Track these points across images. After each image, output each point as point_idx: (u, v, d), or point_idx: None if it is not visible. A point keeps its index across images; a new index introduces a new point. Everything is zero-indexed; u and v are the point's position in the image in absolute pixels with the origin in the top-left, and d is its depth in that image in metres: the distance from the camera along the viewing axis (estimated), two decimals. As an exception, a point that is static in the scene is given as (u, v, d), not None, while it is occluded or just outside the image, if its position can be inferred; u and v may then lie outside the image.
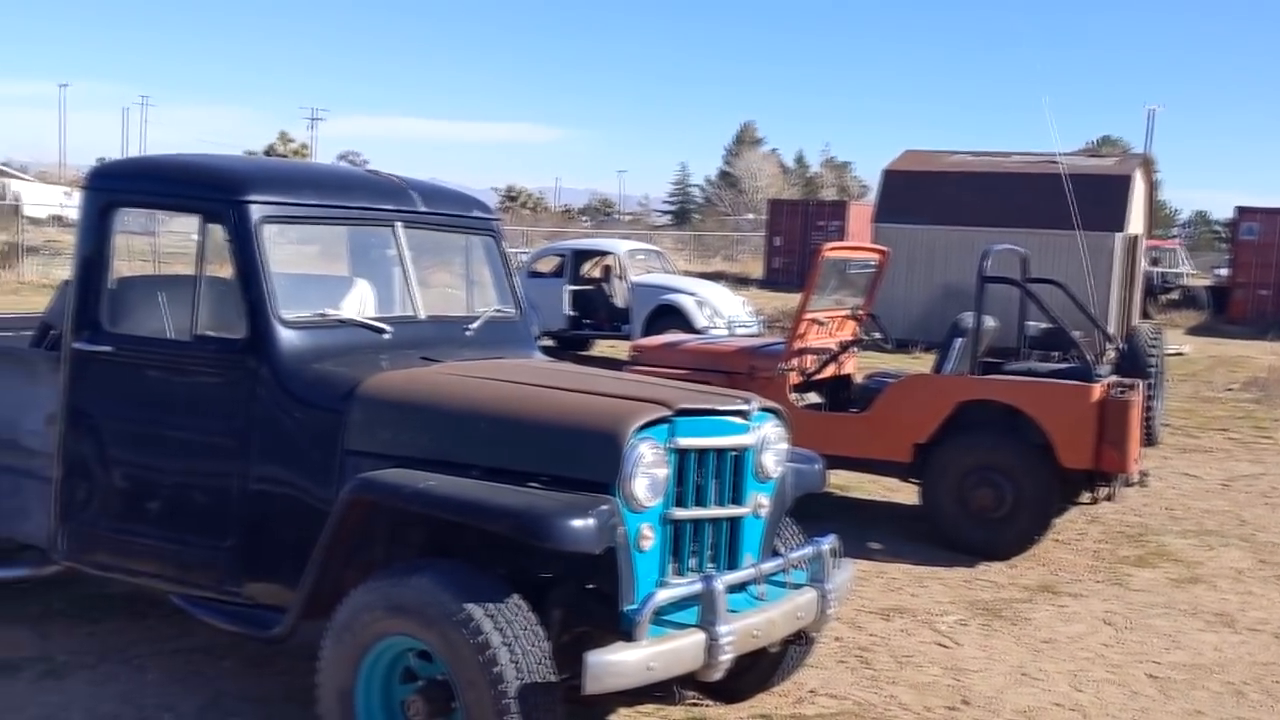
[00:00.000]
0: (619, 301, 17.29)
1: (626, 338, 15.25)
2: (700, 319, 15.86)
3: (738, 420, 4.17)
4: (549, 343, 17.69)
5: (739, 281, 34.73)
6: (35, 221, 38.17)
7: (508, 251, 5.58)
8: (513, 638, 3.55)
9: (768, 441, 4.35)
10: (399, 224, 4.86)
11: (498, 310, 5.27)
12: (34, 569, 5.04)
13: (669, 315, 15.95)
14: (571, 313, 17.16)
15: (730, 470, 4.17)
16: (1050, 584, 6.90)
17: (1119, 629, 6.16)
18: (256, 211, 4.37)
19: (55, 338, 4.95)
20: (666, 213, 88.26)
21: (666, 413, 3.93)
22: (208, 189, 4.51)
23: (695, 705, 4.72)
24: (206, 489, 4.40)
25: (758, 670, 4.75)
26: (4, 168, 62.18)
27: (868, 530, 7.90)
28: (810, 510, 8.07)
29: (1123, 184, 19.69)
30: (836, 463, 8.12)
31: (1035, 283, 8.79)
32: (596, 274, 18.04)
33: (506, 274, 5.45)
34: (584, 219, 78.52)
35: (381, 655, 3.79)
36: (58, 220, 41.49)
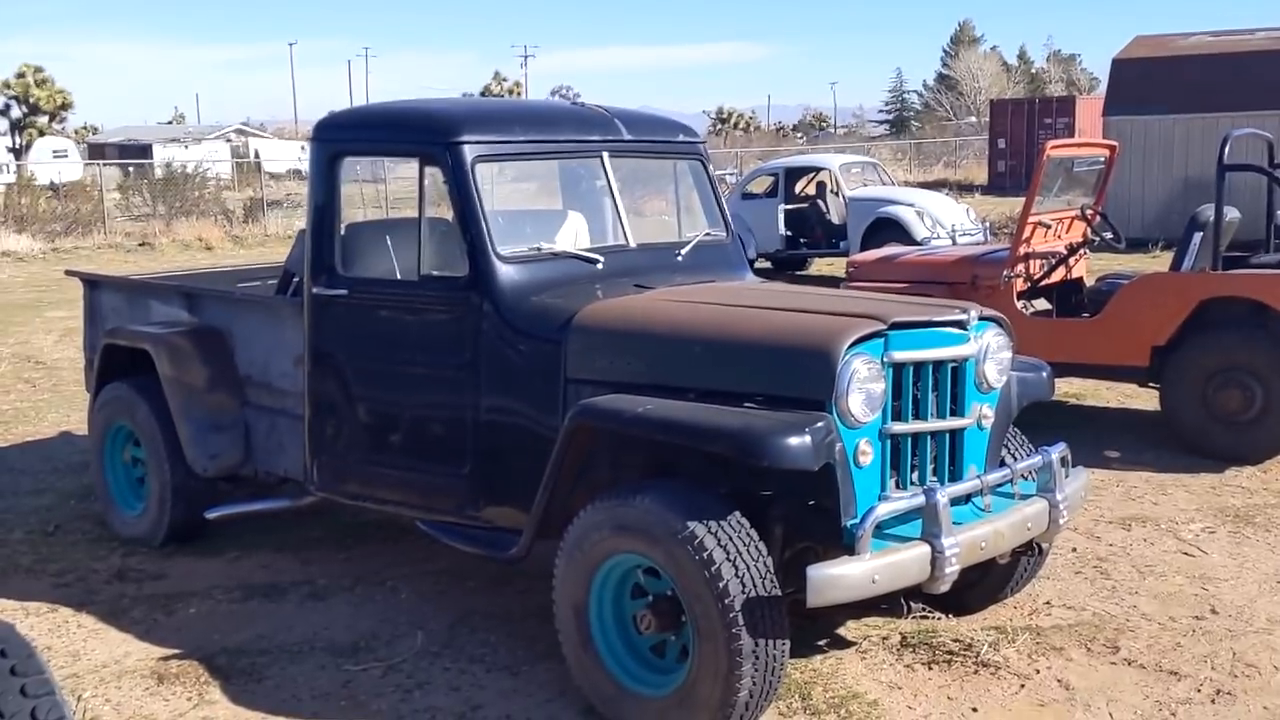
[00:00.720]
0: (835, 218, 17.01)
1: (845, 254, 15.02)
2: (921, 230, 15.43)
3: (956, 331, 4.09)
4: (766, 264, 17.65)
5: (963, 189, 33.58)
6: (275, 177, 40.49)
7: (715, 175, 5.58)
8: (735, 553, 3.62)
9: (989, 351, 4.25)
10: (606, 154, 4.94)
11: (708, 234, 5.29)
12: (293, 500, 5.44)
13: (888, 228, 15.57)
14: (787, 232, 17.00)
15: (949, 382, 4.11)
16: (1307, 488, 6.51)
17: (1386, 533, 5.77)
18: (470, 151, 4.52)
19: (297, 284, 5.28)
20: (883, 123, 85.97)
21: (880, 327, 3.89)
22: (422, 133, 4.69)
23: (925, 618, 4.70)
24: (442, 421, 4.63)
25: (988, 582, 4.70)
26: (244, 127, 65.98)
27: (1105, 439, 7.63)
28: (1043, 420, 7.89)
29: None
30: (1070, 370, 7.89)
31: (1282, 168, 8.21)
32: (811, 191, 17.78)
33: (715, 197, 5.47)
34: (798, 136, 77.37)
35: (611, 572, 3.92)
36: (296, 174, 43.84)
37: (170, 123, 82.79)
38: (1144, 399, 8.30)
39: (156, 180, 27.90)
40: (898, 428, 3.98)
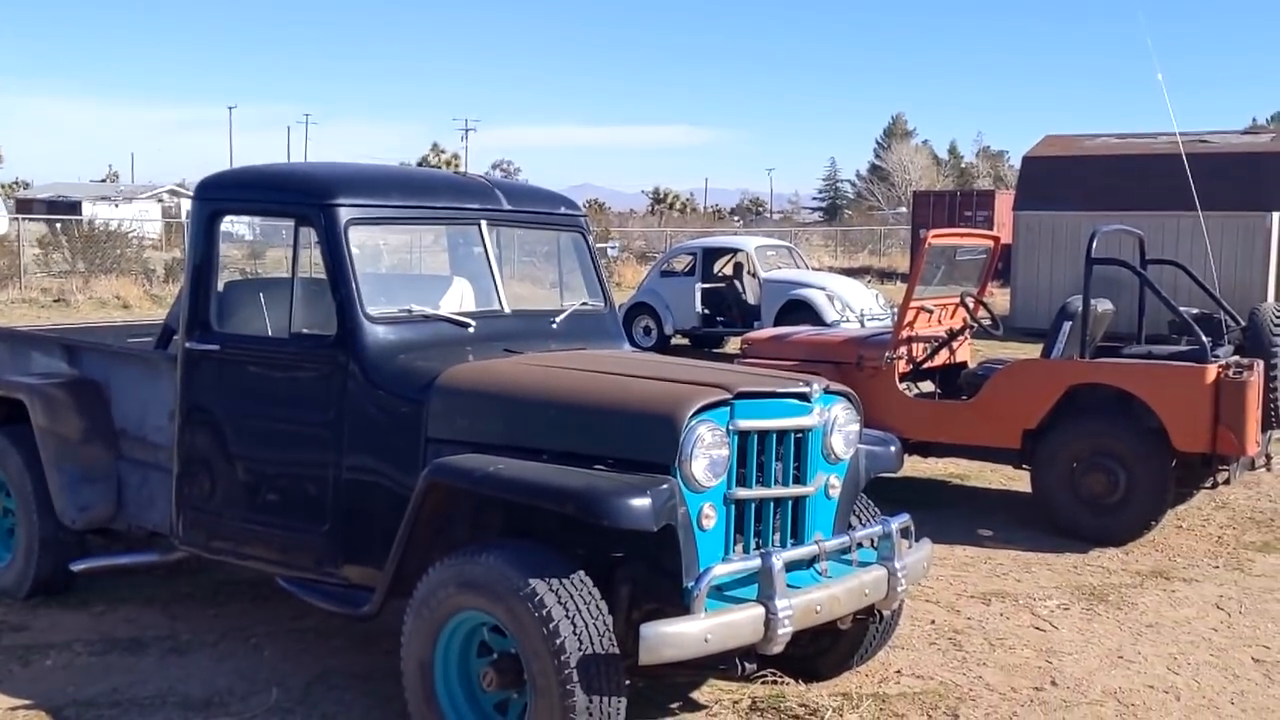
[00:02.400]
0: (750, 298, 17.36)
1: (757, 333, 15.30)
2: (831, 313, 15.81)
3: (799, 402, 4.26)
4: (682, 341, 17.91)
5: (885, 275, 34.37)
6: (233, 240, 40.09)
7: (596, 248, 5.76)
8: (575, 610, 3.72)
9: (837, 424, 4.43)
10: (484, 222, 5.09)
11: (584, 304, 5.45)
12: (162, 555, 5.45)
13: (800, 310, 15.93)
14: (704, 310, 17.31)
15: (793, 451, 4.27)
16: (1164, 569, 6.75)
17: (1230, 613, 6.00)
18: (344, 214, 4.65)
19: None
20: (817, 209, 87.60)
21: (725, 396, 4.05)
22: (298, 194, 4.82)
23: (776, 683, 4.81)
24: (305, 478, 4.70)
25: (838, 649, 4.84)
26: (178, 188, 65.56)
27: (982, 517, 7.86)
28: (922, 498, 8.13)
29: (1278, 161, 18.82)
30: (950, 450, 8.16)
31: (1155, 263, 8.60)
32: (728, 271, 18.14)
33: (595, 269, 5.64)
34: (735, 219, 78.50)
35: (457, 629, 4.00)
36: (227, 236, 43.54)
37: (104, 180, 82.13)
38: (1024, 481, 8.55)
39: (77, 237, 27.60)
40: (742, 493, 4.13)
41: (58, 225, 31.73)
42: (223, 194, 5.11)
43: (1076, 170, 20.13)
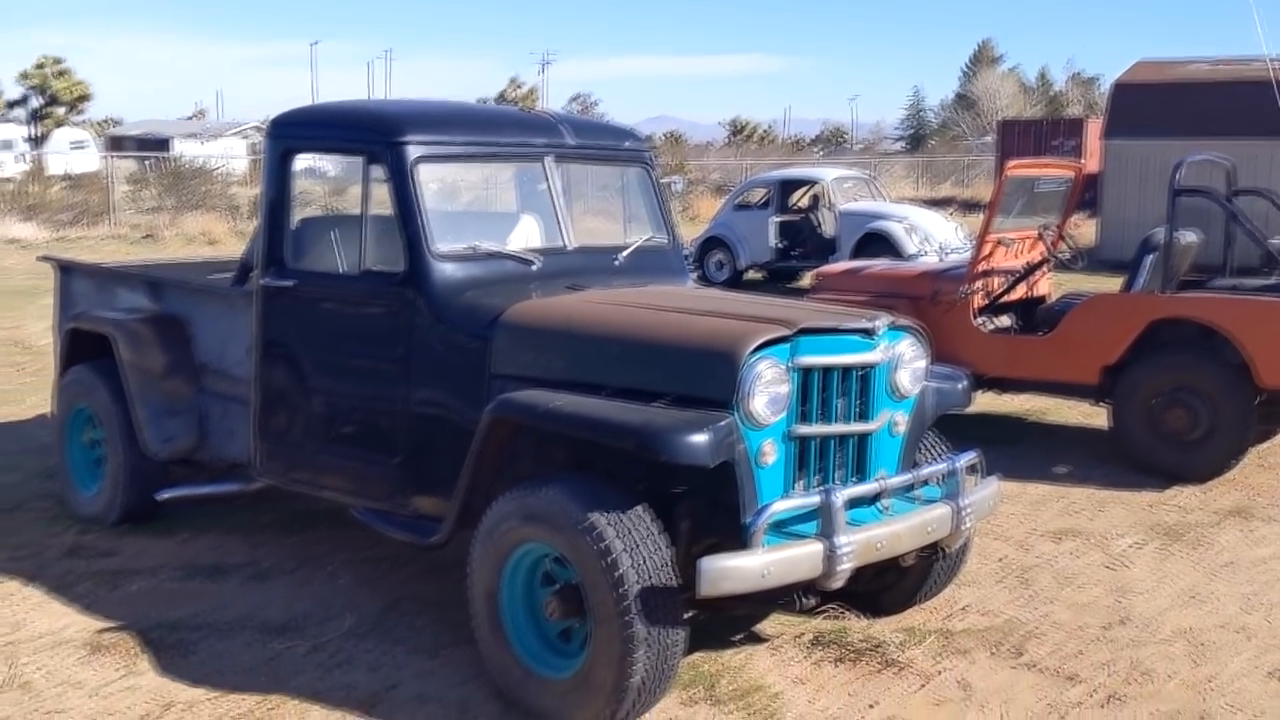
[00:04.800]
0: (827, 231, 17.17)
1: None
2: (909, 245, 15.59)
3: (863, 338, 4.24)
4: (757, 275, 17.80)
5: (968, 206, 33.73)
6: (316, 176, 40.55)
7: (662, 182, 5.75)
8: (634, 544, 3.77)
9: (903, 359, 4.40)
10: (549, 158, 5.10)
11: (648, 239, 5.45)
12: (244, 485, 5.61)
13: (877, 242, 15.74)
14: (779, 244, 17.17)
15: (857, 387, 4.25)
16: (1244, 508, 6.63)
17: (1310, 553, 5.89)
18: (411, 152, 4.69)
19: (252, 276, 5.45)
20: (900, 139, 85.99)
21: (785, 332, 4.04)
22: (367, 132, 4.86)
23: (839, 618, 4.85)
24: (377, 411, 4.80)
25: (902, 586, 4.85)
26: (263, 125, 66.35)
27: (1058, 454, 7.77)
28: (999, 434, 8.05)
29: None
30: (1027, 386, 8.06)
31: (1245, 194, 8.35)
32: (804, 204, 17.94)
33: (660, 204, 5.63)
34: (815, 150, 77.41)
35: (522, 560, 4.09)
36: (310, 173, 44.08)
37: (191, 118, 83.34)
38: (1104, 417, 8.42)
39: (165, 174, 28.15)
40: (803, 430, 4.13)
41: (147, 162, 32.41)
42: (294, 132, 5.18)
43: (1168, 97, 19.51)
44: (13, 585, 5.22)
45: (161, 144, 54.54)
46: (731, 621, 4.75)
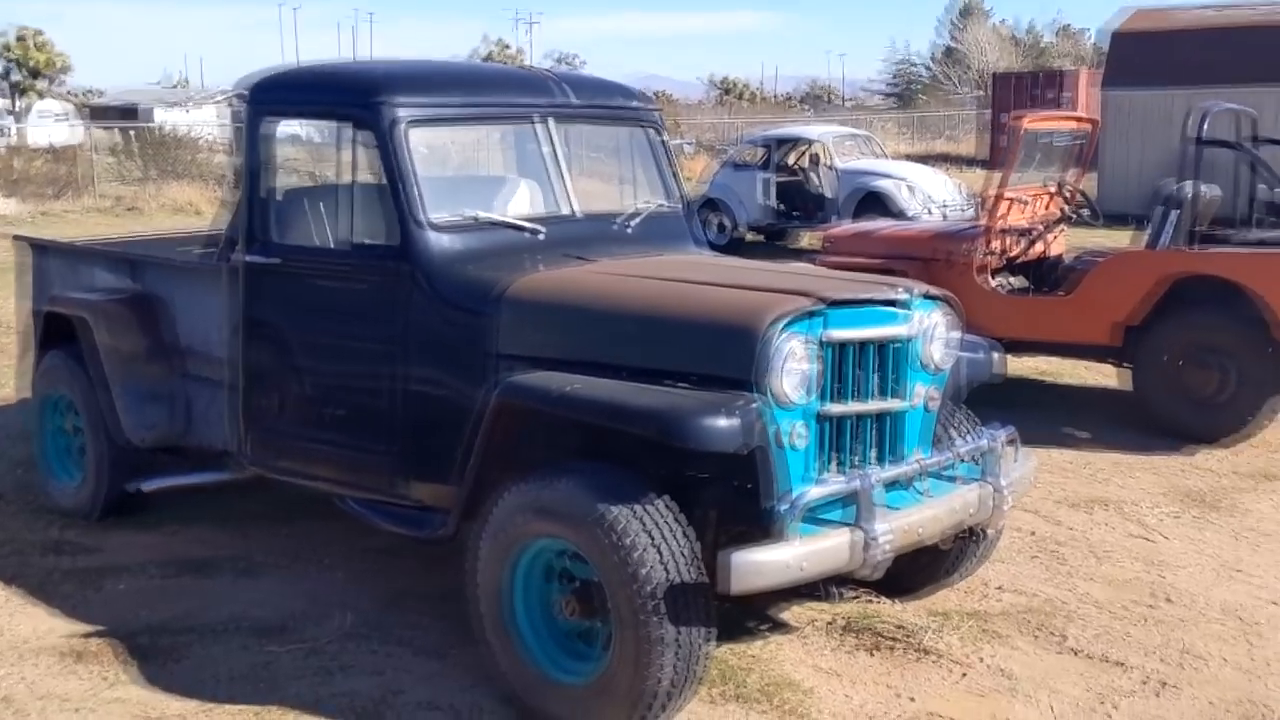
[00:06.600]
0: (825, 191, 16.81)
1: (834, 227, 14.83)
2: (909, 204, 15.26)
3: (895, 310, 3.94)
4: (756, 237, 17.45)
5: (961, 162, 33.37)
6: (300, 143, 39.97)
7: (669, 143, 5.41)
8: (659, 538, 3.48)
9: (935, 331, 4.10)
10: (550, 119, 4.77)
11: (658, 204, 5.13)
12: (232, 473, 5.29)
13: (876, 202, 15.41)
14: (775, 204, 16.82)
15: (890, 362, 3.95)
16: (1274, 471, 6.38)
17: (1352, 520, 5.63)
18: (399, 114, 4.35)
19: (237, 251, 5.12)
20: (888, 95, 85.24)
21: (810, 305, 3.74)
22: (353, 95, 4.51)
23: (869, 602, 4.58)
24: (373, 394, 4.48)
25: (933, 566, 4.58)
26: (242, 94, 65.46)
27: (1076, 418, 7.50)
28: (1014, 398, 7.76)
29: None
30: (1044, 348, 7.78)
31: (1267, 144, 8.04)
32: (802, 163, 17.56)
33: (668, 166, 5.30)
34: (804, 108, 76.65)
35: (537, 557, 3.79)
36: (295, 139, 43.45)
37: (174, 86, 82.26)
38: (1117, 377, 8.14)
39: (147, 144, 27.63)
40: (835, 409, 3.83)
41: (131, 133, 31.84)
42: (273, 97, 4.83)
43: (1169, 46, 19.12)
44: (-9, 587, 4.92)
45: (144, 113, 53.76)
46: (754, 609, 4.47)
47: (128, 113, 55.96)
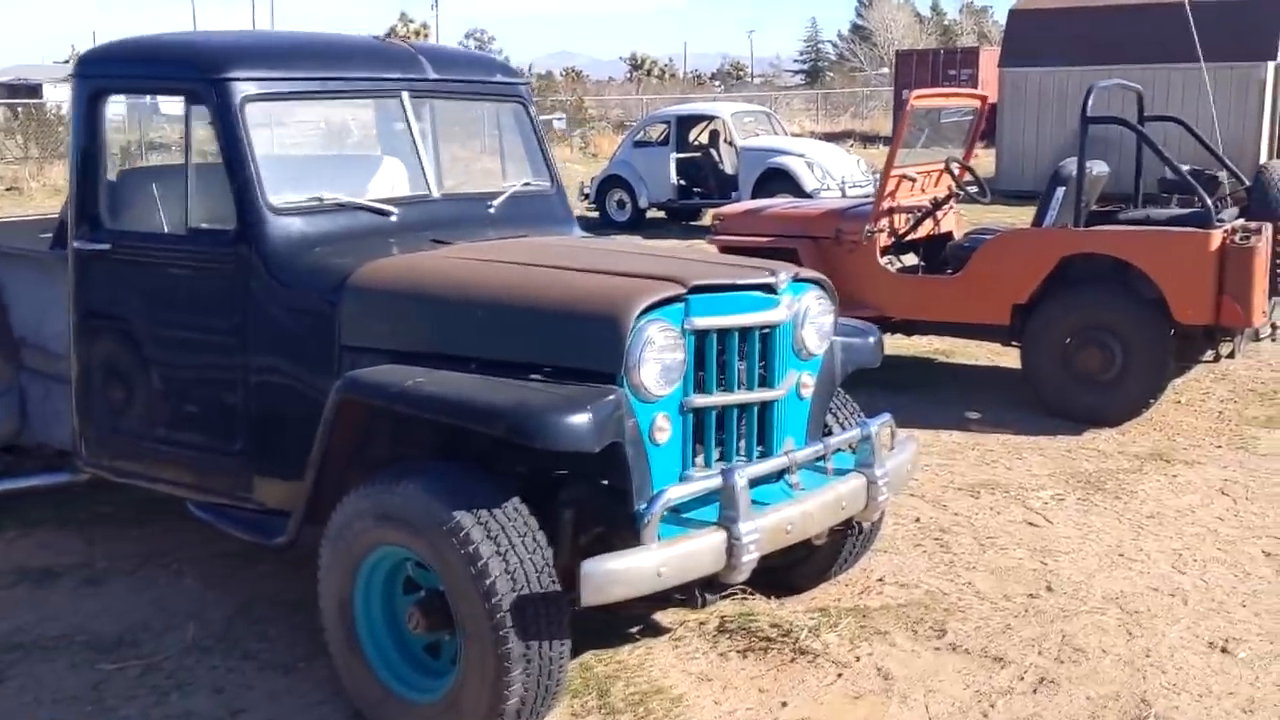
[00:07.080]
0: (728, 168, 16.67)
1: (735, 204, 14.68)
2: (811, 181, 15.16)
3: (765, 294, 3.73)
4: (658, 214, 17.27)
5: (867, 139, 33.54)
6: (172, 119, 38.87)
7: (540, 119, 5.15)
8: (508, 546, 3.24)
9: (808, 315, 3.91)
10: (406, 94, 4.48)
11: (526, 184, 4.88)
12: (74, 474, 4.93)
13: (779, 179, 15.28)
14: (679, 181, 16.64)
15: (758, 350, 3.75)
16: (1164, 451, 6.32)
17: (1236, 499, 5.59)
18: (239, 90, 4.03)
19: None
20: (798, 73, 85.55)
21: (677, 291, 3.52)
22: (187, 68, 4.18)
23: (745, 599, 4.39)
24: (214, 391, 4.17)
25: (813, 561, 4.40)
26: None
27: (968, 398, 7.40)
28: (906, 379, 7.67)
29: (1274, 7, 17.99)
30: (935, 328, 7.68)
31: (1154, 121, 8.01)
32: (704, 140, 17.39)
33: (539, 144, 5.04)
34: (715, 85, 76.59)
35: (379, 565, 3.53)
36: (154, 114, 42.14)
37: (66, 61, 79.52)
38: (1014, 356, 8.08)
39: (29, 122, 26.55)
40: (700, 401, 3.62)
41: (18, 109, 30.57)
42: (105, 70, 4.46)
43: (1064, 24, 19.25)
44: None
45: (33, 90, 51.77)
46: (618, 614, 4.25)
47: (16, 89, 53.89)
